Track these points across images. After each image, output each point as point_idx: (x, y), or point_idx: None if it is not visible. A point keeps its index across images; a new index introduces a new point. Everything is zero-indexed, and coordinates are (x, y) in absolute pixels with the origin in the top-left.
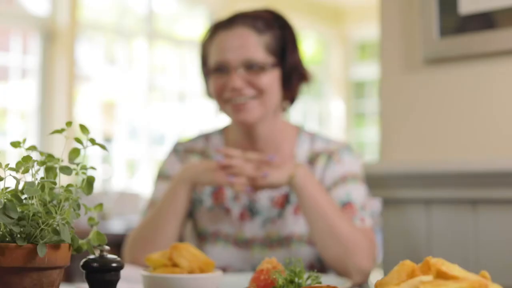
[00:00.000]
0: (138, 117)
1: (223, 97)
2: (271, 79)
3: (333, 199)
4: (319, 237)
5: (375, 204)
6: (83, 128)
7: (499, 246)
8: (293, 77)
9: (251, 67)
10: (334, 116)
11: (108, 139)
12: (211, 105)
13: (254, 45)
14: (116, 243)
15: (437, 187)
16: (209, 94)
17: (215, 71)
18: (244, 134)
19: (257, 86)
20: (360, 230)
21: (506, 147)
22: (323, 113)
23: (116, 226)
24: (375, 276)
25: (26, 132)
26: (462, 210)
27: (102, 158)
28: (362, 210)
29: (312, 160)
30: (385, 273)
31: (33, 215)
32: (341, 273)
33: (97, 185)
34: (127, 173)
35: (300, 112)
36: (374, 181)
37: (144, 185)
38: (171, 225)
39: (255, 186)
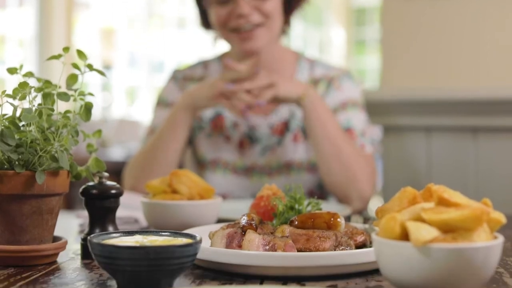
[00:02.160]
0: (137, 44)
1: (229, 26)
2: (275, 3)
3: (339, 124)
4: (324, 160)
5: (376, 132)
6: (81, 54)
7: (499, 174)
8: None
9: None
10: (334, 44)
11: (107, 67)
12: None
13: None
14: (116, 170)
15: (437, 114)
16: (205, 25)
17: (218, 1)
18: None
19: (264, 11)
20: (362, 156)
21: (508, 75)
22: (323, 40)
23: (115, 153)
24: (375, 203)
25: (24, 60)
26: (462, 137)
27: (101, 86)
28: (362, 137)
29: None
30: (385, 201)
31: (31, 142)
32: (342, 199)
33: (96, 113)
34: (127, 100)
35: (301, 39)
36: (375, 108)
37: (144, 113)
38: (172, 152)
39: (262, 97)
